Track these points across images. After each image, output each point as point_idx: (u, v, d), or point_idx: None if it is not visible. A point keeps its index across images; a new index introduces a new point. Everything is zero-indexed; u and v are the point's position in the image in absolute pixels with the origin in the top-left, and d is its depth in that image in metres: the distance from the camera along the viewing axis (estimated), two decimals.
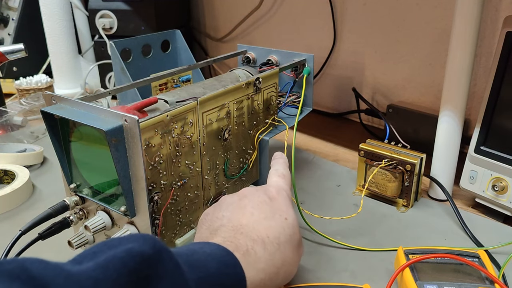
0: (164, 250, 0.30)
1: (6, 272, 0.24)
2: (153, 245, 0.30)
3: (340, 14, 0.93)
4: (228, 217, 0.41)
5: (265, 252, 0.38)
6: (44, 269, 0.25)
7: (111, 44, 0.72)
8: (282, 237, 0.40)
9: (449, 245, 0.50)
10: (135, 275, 0.28)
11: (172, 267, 0.30)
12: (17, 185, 0.63)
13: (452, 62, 0.57)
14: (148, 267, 0.29)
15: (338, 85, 0.99)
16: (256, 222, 0.40)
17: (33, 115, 0.92)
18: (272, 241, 0.39)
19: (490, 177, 0.57)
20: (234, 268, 0.35)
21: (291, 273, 0.42)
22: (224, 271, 0.35)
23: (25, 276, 0.24)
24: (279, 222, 0.40)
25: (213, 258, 0.35)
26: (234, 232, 0.39)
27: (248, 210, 0.41)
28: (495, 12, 0.71)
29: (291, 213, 0.42)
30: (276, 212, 0.41)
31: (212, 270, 0.34)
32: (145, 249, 0.29)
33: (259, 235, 0.39)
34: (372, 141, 0.64)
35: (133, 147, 0.42)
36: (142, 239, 0.30)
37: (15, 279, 0.24)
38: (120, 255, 0.28)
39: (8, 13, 1.19)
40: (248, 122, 0.59)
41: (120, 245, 0.29)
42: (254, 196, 0.43)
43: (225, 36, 1.21)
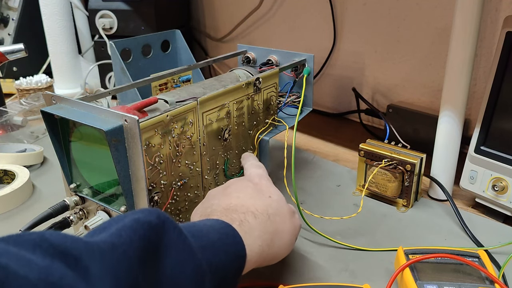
0: (168, 220, 0.33)
1: (28, 241, 0.26)
2: (158, 216, 0.32)
3: (340, 14, 0.93)
4: (217, 203, 0.43)
5: (257, 220, 0.41)
6: (63, 239, 0.27)
7: (111, 44, 0.72)
8: (269, 210, 0.43)
9: (449, 245, 0.50)
10: (146, 241, 0.30)
11: (177, 235, 0.32)
12: (17, 185, 0.63)
13: (452, 62, 0.57)
14: (155, 234, 0.31)
15: (338, 85, 0.99)
16: (243, 201, 0.43)
17: (33, 115, 0.92)
18: (262, 213, 0.42)
19: (490, 177, 0.57)
20: (234, 237, 0.38)
21: (287, 242, 0.44)
22: (225, 240, 0.37)
23: (46, 244, 0.26)
24: (264, 200, 0.44)
25: (213, 229, 0.37)
26: (225, 211, 0.41)
27: (234, 195, 0.44)
28: (495, 12, 0.71)
29: (274, 191, 0.45)
30: (260, 192, 0.45)
31: (213, 239, 0.36)
32: (151, 219, 0.31)
33: (248, 209, 0.42)
34: (372, 141, 0.64)
35: (133, 147, 0.42)
36: (147, 211, 0.32)
37: (37, 247, 0.25)
38: (130, 224, 0.30)
39: (8, 13, 1.19)
40: (248, 122, 0.59)
41: (127, 217, 0.31)
42: (237, 184, 0.46)
43: (225, 36, 1.21)
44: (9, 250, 0.24)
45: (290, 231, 0.44)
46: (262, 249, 0.40)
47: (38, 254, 0.25)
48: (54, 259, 0.25)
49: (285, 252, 0.44)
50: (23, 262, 0.24)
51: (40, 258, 0.25)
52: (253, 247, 0.39)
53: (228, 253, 0.36)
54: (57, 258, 0.25)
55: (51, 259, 0.25)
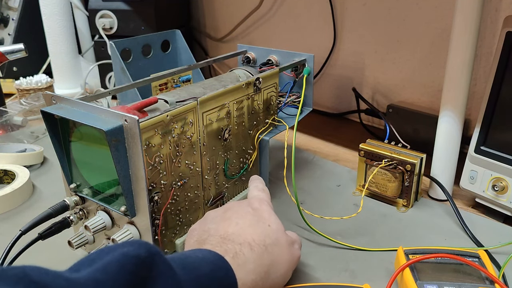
0: (158, 254, 0.32)
1: (10, 276, 0.25)
2: (147, 249, 0.31)
3: (340, 14, 0.93)
4: (215, 228, 0.42)
5: (253, 253, 0.40)
6: (45, 275, 0.26)
7: (111, 44, 0.72)
8: (267, 240, 0.41)
9: (449, 245, 0.50)
10: (133, 276, 0.29)
11: (166, 269, 0.32)
12: (17, 185, 0.63)
13: (452, 62, 0.57)
14: (144, 269, 0.30)
15: (338, 85, 0.99)
16: (241, 229, 0.42)
17: (33, 115, 0.92)
18: (259, 244, 0.41)
19: (490, 177, 0.57)
20: (226, 271, 0.37)
21: (283, 273, 0.43)
22: (216, 274, 0.36)
23: (28, 280, 0.25)
24: (263, 229, 0.42)
25: (205, 262, 0.36)
26: (221, 239, 0.40)
27: (233, 220, 0.43)
28: (495, 12, 0.71)
29: (273, 220, 0.44)
30: (260, 220, 0.43)
31: (204, 272, 0.35)
32: (140, 253, 0.30)
33: (245, 239, 0.40)
34: (372, 141, 0.64)
35: (133, 147, 0.42)
36: (137, 244, 0.31)
37: (18, 283, 0.25)
38: (117, 258, 0.29)
39: (8, 13, 1.19)
40: (248, 122, 0.59)
41: (116, 250, 0.30)
42: (238, 208, 0.45)
43: (225, 36, 1.21)
44: None
45: (287, 263, 0.43)
46: (255, 283, 0.39)
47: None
48: None
49: (281, 284, 0.43)
50: None
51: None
52: (246, 281, 0.38)
53: (220, 286, 0.36)
54: None
55: None
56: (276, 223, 0.44)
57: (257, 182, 0.52)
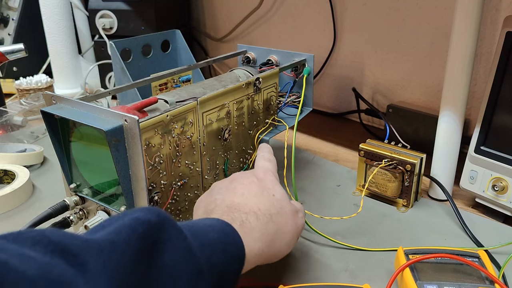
0: (167, 219, 0.33)
1: (27, 238, 0.26)
2: (157, 214, 0.32)
3: (340, 14, 0.93)
4: (221, 198, 0.43)
5: (258, 222, 0.41)
6: (63, 236, 0.27)
7: (111, 44, 0.72)
8: (272, 209, 0.42)
9: (449, 245, 0.50)
10: (144, 239, 0.30)
11: (176, 234, 0.33)
12: (17, 185, 0.63)
13: (452, 62, 0.57)
14: (155, 233, 0.31)
15: (338, 85, 0.99)
16: (247, 199, 0.42)
17: (33, 115, 0.92)
18: (264, 213, 0.41)
19: (490, 177, 0.57)
20: (234, 237, 0.38)
21: (288, 242, 0.43)
22: (225, 240, 0.37)
23: (46, 241, 0.26)
24: (268, 198, 0.43)
25: (213, 229, 0.37)
26: (228, 209, 0.41)
27: (239, 191, 0.43)
28: (495, 12, 0.71)
29: (278, 189, 0.45)
30: (264, 190, 0.44)
31: (213, 238, 0.36)
32: (150, 218, 0.31)
33: (251, 209, 0.41)
34: (372, 141, 0.64)
35: (133, 147, 0.42)
36: (147, 210, 0.32)
37: (36, 244, 0.26)
38: (129, 223, 0.30)
39: (8, 13, 1.19)
40: (248, 122, 0.59)
41: (126, 215, 0.32)
42: (243, 178, 0.46)
43: (225, 36, 1.21)
44: (9, 247, 0.25)
45: (292, 231, 0.44)
46: (262, 251, 0.40)
47: (37, 250, 0.26)
48: (54, 256, 0.26)
49: (286, 252, 0.44)
50: (23, 258, 0.24)
51: (40, 254, 0.25)
52: (253, 248, 0.39)
53: (227, 252, 0.36)
54: (57, 254, 0.26)
55: (51, 256, 0.26)
56: (280, 193, 0.45)
57: (265, 151, 0.52)
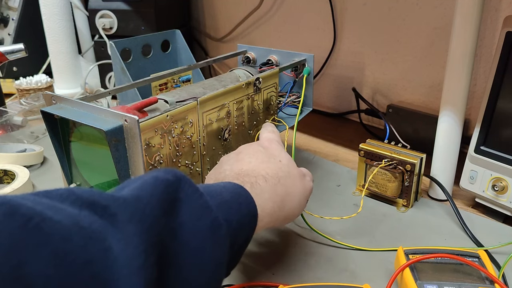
0: (184, 178, 0.34)
1: (56, 195, 0.28)
2: (174, 174, 0.33)
3: (340, 14, 0.93)
4: (230, 168, 0.44)
5: (267, 184, 0.42)
6: (90, 192, 0.29)
7: (111, 44, 0.72)
8: (280, 173, 0.44)
9: (449, 245, 0.50)
10: (165, 195, 0.31)
11: (192, 191, 0.34)
12: (17, 185, 0.63)
13: (452, 62, 0.57)
14: (173, 191, 0.32)
15: (338, 85, 0.99)
16: (255, 165, 0.44)
17: (33, 115, 0.92)
18: (272, 176, 0.43)
19: (490, 177, 0.57)
20: (246, 197, 0.39)
21: (297, 203, 0.45)
22: (238, 199, 0.38)
23: (74, 197, 0.28)
24: (275, 163, 0.45)
25: (227, 189, 0.38)
26: (237, 175, 0.43)
27: (246, 159, 0.45)
28: (495, 12, 0.71)
29: (284, 155, 0.47)
30: (271, 156, 0.46)
31: (227, 198, 0.37)
32: (168, 177, 0.32)
33: (259, 173, 0.43)
34: (372, 141, 0.64)
35: (133, 147, 0.42)
36: (164, 170, 0.34)
37: (65, 199, 0.27)
38: (150, 181, 0.31)
39: (8, 13, 1.19)
40: (248, 122, 0.59)
41: (147, 175, 0.33)
42: (249, 149, 0.47)
43: (225, 36, 1.21)
44: (42, 201, 0.26)
45: (301, 193, 0.45)
46: (273, 210, 0.41)
47: (67, 204, 0.27)
48: (82, 209, 0.27)
49: (296, 214, 0.46)
50: (56, 210, 0.25)
51: (70, 208, 0.27)
52: (265, 207, 0.40)
53: (241, 211, 0.37)
54: (85, 207, 0.27)
55: (79, 209, 0.27)
56: (286, 158, 0.46)
57: (268, 126, 0.54)
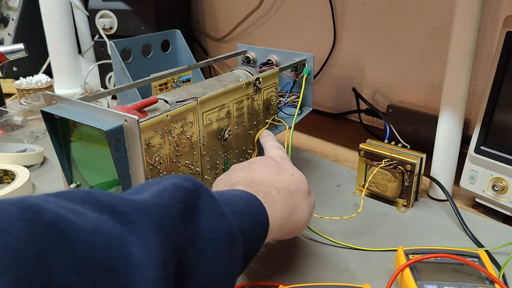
0: (202, 187, 0.34)
1: (77, 197, 0.27)
2: (193, 182, 0.33)
3: (340, 14, 0.93)
4: (242, 175, 0.45)
5: (280, 195, 0.43)
6: (110, 196, 0.28)
7: (111, 44, 0.72)
8: (291, 187, 0.45)
9: (449, 245, 0.50)
10: (184, 203, 0.31)
11: (211, 200, 0.34)
12: (17, 185, 0.63)
13: (452, 62, 0.57)
14: (192, 199, 0.33)
15: (338, 85, 0.99)
16: (267, 176, 0.45)
17: (33, 115, 0.92)
18: (284, 189, 0.44)
19: (490, 177, 0.57)
20: (259, 207, 0.39)
21: (304, 219, 0.46)
22: (251, 209, 0.39)
23: (94, 200, 0.27)
24: (287, 177, 0.46)
25: (240, 198, 0.39)
26: (250, 183, 0.43)
27: (259, 170, 0.46)
28: (495, 12, 0.71)
29: (296, 171, 0.48)
30: (283, 170, 0.47)
31: (241, 207, 0.38)
32: (187, 185, 0.33)
33: (272, 184, 0.43)
34: (372, 141, 0.64)
35: (133, 147, 0.42)
36: (183, 178, 0.34)
37: (85, 202, 0.27)
38: (170, 188, 0.32)
39: (8, 13, 1.19)
40: (248, 122, 0.59)
41: (165, 181, 0.33)
42: (262, 161, 0.48)
43: (225, 36, 1.21)
44: (63, 204, 0.26)
45: (308, 209, 0.46)
46: (283, 222, 0.42)
47: (86, 208, 0.27)
48: (103, 213, 0.27)
49: (302, 228, 0.47)
50: (78, 214, 0.25)
51: (89, 212, 0.26)
52: (275, 218, 0.41)
53: (254, 221, 0.38)
54: (105, 212, 0.27)
55: (99, 213, 0.27)
56: (298, 173, 0.47)
57: (271, 141, 0.54)
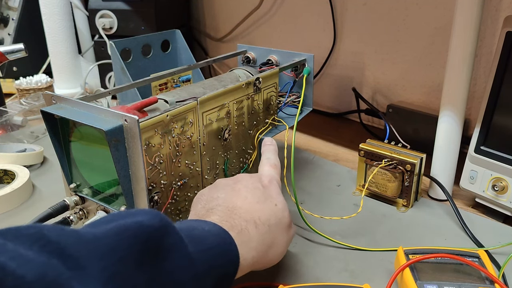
0: (170, 225, 0.33)
1: (26, 236, 0.26)
2: (160, 220, 0.32)
3: (340, 14, 0.93)
4: (224, 198, 0.43)
5: (257, 232, 0.41)
6: (62, 236, 0.27)
7: (111, 44, 0.72)
8: (272, 220, 0.43)
9: (449, 245, 0.50)
10: (146, 246, 0.30)
11: (177, 241, 0.33)
12: (17, 185, 0.63)
13: (452, 62, 0.57)
14: (157, 239, 0.31)
15: (338, 85, 0.99)
16: (250, 205, 0.42)
17: (33, 115, 0.92)
18: (263, 223, 0.42)
19: (490, 177, 0.57)
20: (230, 245, 0.38)
21: (280, 253, 0.44)
22: (221, 248, 0.37)
23: (44, 240, 0.26)
24: (270, 207, 0.43)
25: (211, 235, 0.37)
26: (229, 212, 0.41)
27: (242, 193, 0.43)
28: (495, 12, 0.71)
29: (281, 200, 0.45)
30: (268, 198, 0.44)
31: (210, 245, 0.36)
32: (153, 223, 0.31)
33: (251, 216, 0.41)
34: (372, 141, 0.64)
35: (133, 147, 0.42)
36: (151, 214, 0.32)
37: (34, 242, 0.25)
38: (133, 227, 0.30)
39: (8, 13, 1.19)
40: (248, 122, 0.59)
41: (130, 217, 0.31)
42: (248, 182, 0.46)
43: (225, 36, 1.21)
44: (7, 247, 0.24)
45: (285, 243, 0.45)
46: (255, 260, 0.40)
47: (35, 250, 0.25)
48: (51, 257, 0.25)
49: (276, 261, 0.45)
50: (21, 260, 0.24)
51: (37, 255, 0.25)
52: (247, 257, 0.39)
53: (224, 259, 0.37)
54: (55, 255, 0.26)
55: (48, 257, 0.25)
56: (282, 203, 0.45)
57: (270, 154, 0.51)
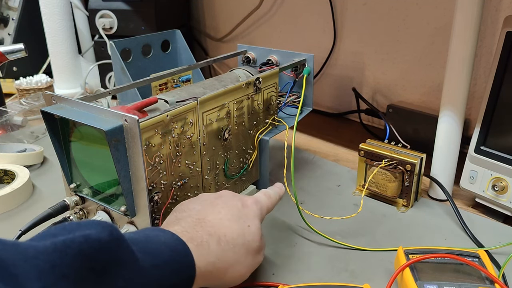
0: (121, 238, 0.32)
1: None
2: (110, 233, 0.31)
3: (340, 14, 0.93)
4: (198, 210, 0.43)
5: (218, 248, 0.40)
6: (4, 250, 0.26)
7: (111, 44, 0.72)
8: (239, 240, 0.42)
9: (449, 245, 0.50)
10: (92, 261, 0.29)
11: (128, 255, 0.32)
12: (17, 185, 0.63)
13: (452, 62, 0.57)
14: (105, 254, 0.30)
15: (338, 85, 0.99)
16: (220, 220, 0.42)
17: (33, 115, 0.92)
18: (228, 240, 0.41)
19: (490, 177, 0.57)
20: (186, 256, 0.37)
21: (240, 275, 0.43)
22: (176, 259, 0.37)
23: None
24: (241, 227, 0.42)
25: (166, 246, 0.37)
26: (195, 224, 0.41)
27: (217, 208, 0.43)
28: (495, 12, 0.71)
29: (256, 223, 0.44)
30: (242, 218, 0.43)
31: (165, 257, 0.36)
32: (102, 237, 0.30)
33: (216, 231, 0.41)
34: (372, 141, 0.64)
35: (133, 147, 0.42)
36: (100, 226, 0.31)
37: None
38: (78, 240, 0.29)
39: (8, 13, 1.19)
40: (248, 122, 0.59)
41: (78, 230, 0.30)
42: (228, 198, 0.45)
43: (225, 36, 1.21)
44: None
45: (248, 267, 0.43)
46: (211, 275, 0.40)
47: None
48: None
49: (235, 284, 0.43)
50: None
51: None
52: (204, 269, 0.39)
53: (178, 272, 0.36)
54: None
55: None
56: (256, 227, 0.43)
57: (272, 190, 0.51)
